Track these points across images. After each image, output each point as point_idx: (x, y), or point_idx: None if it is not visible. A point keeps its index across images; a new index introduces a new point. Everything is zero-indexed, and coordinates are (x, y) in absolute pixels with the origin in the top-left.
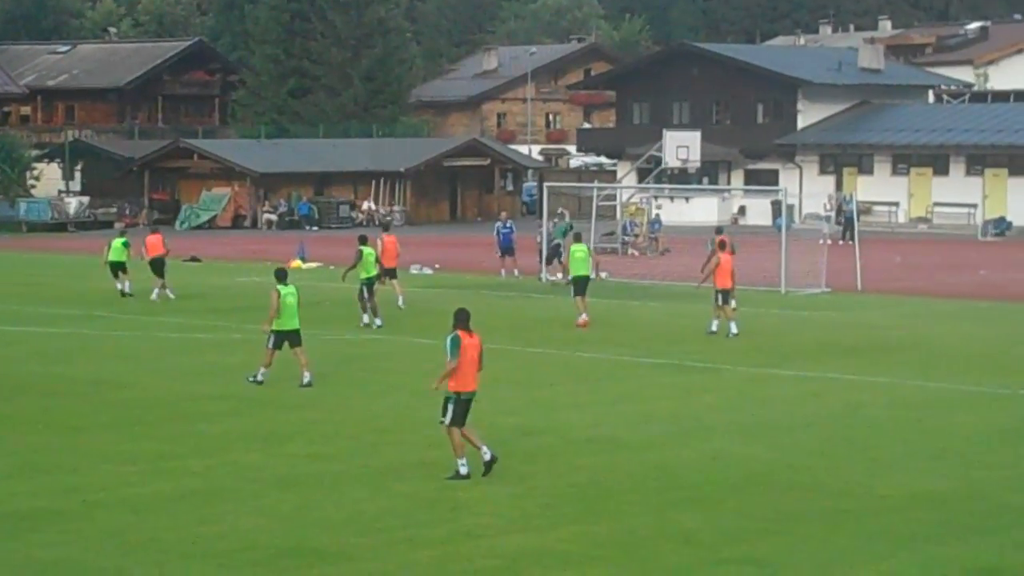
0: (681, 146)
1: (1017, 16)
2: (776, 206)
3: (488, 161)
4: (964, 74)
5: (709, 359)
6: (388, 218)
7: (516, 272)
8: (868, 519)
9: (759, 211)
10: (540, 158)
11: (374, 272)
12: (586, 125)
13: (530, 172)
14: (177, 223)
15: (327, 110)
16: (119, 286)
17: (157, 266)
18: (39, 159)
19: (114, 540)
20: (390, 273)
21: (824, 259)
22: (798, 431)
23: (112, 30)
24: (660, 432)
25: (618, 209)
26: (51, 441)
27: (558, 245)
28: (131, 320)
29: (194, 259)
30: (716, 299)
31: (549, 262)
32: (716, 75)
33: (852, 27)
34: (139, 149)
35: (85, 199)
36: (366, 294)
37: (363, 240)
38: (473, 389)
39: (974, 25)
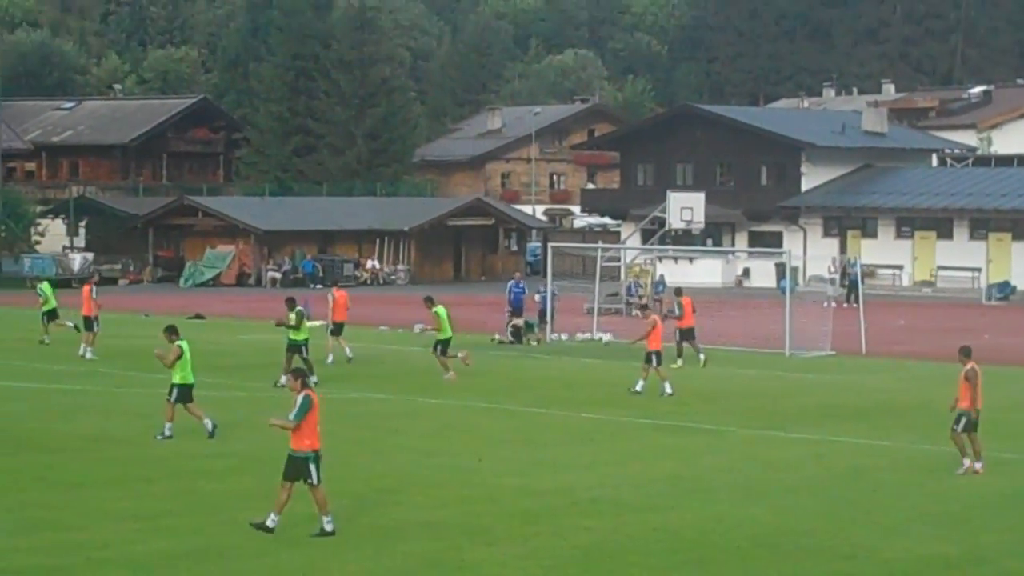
0: (685, 207)
1: (1020, 80)
2: (780, 268)
3: (492, 221)
4: (968, 138)
5: (712, 421)
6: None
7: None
8: None
9: (763, 273)
10: (544, 218)
11: (304, 336)
12: (590, 185)
13: (534, 232)
14: (181, 280)
15: (331, 168)
16: (46, 339)
17: (87, 323)
18: (44, 215)
19: None
20: (337, 329)
21: (829, 322)
22: (802, 494)
23: (117, 87)
24: (663, 493)
25: (622, 270)
26: (53, 498)
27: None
28: (133, 377)
29: (198, 316)
30: (649, 360)
31: (542, 320)
32: (720, 137)
33: (856, 90)
34: (143, 206)
35: (89, 255)
36: (294, 354)
37: (292, 303)
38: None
39: (977, 89)
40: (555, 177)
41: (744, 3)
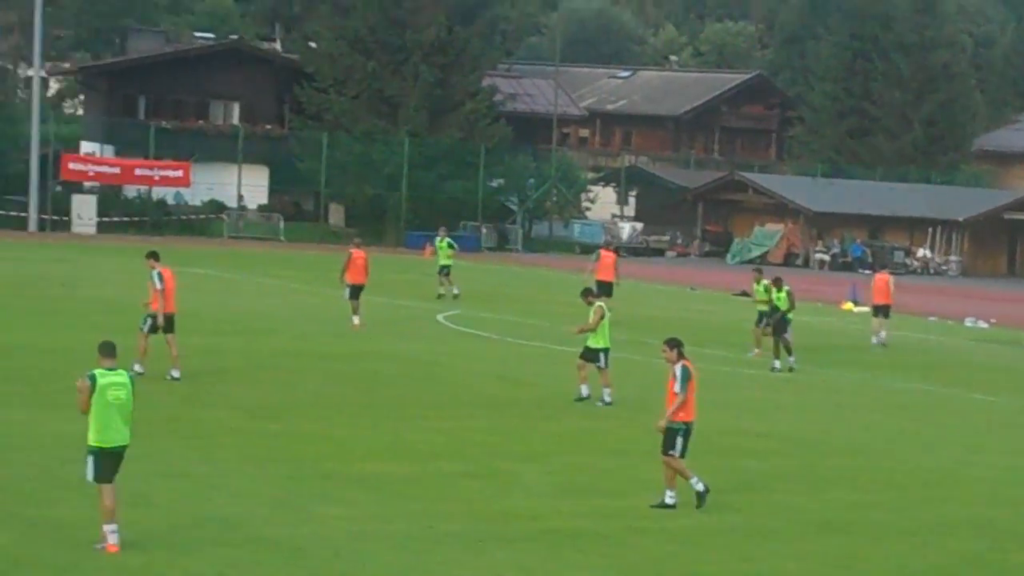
0: None
1: None
2: None
3: None
4: None
5: None
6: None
7: None
8: None
9: None
10: None
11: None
12: None
13: None
14: (728, 256)
15: (885, 153)
16: (450, 289)
17: (603, 289)
18: (595, 182)
19: (653, 569)
20: (880, 311)
21: None
22: None
23: (673, 58)
24: None
25: None
26: (595, 463)
27: None
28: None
29: (744, 294)
30: None
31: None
32: None
33: None
34: (694, 179)
35: (638, 225)
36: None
37: (778, 283)
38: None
39: None
40: None
41: None
